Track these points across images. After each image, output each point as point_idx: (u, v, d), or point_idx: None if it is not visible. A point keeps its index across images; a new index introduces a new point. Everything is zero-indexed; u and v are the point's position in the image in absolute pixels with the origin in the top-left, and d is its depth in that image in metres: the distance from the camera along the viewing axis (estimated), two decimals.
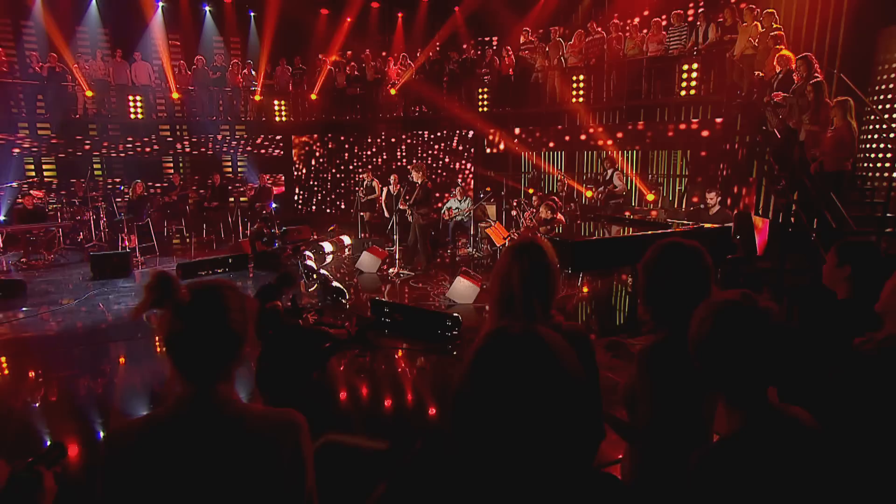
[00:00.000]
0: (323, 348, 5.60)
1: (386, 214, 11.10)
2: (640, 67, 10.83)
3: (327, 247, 10.84)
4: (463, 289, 7.16)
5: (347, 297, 7.30)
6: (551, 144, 12.37)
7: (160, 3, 15.02)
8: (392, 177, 11.21)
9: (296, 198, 16.25)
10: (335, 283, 7.40)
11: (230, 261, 9.50)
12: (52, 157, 14.28)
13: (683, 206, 10.25)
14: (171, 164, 15.53)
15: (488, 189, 13.60)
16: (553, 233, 7.40)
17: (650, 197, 10.85)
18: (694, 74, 10.00)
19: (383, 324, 6.37)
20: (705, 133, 10.09)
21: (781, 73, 7.85)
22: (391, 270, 9.02)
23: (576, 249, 5.72)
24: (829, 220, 6.37)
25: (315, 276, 8.13)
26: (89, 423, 4.40)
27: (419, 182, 8.85)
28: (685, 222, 7.04)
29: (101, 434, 4.13)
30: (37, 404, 4.67)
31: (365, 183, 10.99)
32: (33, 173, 14.28)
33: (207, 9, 15.55)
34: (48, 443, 3.92)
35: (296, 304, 5.81)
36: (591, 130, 11.65)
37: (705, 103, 10.08)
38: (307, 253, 9.68)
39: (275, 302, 5.49)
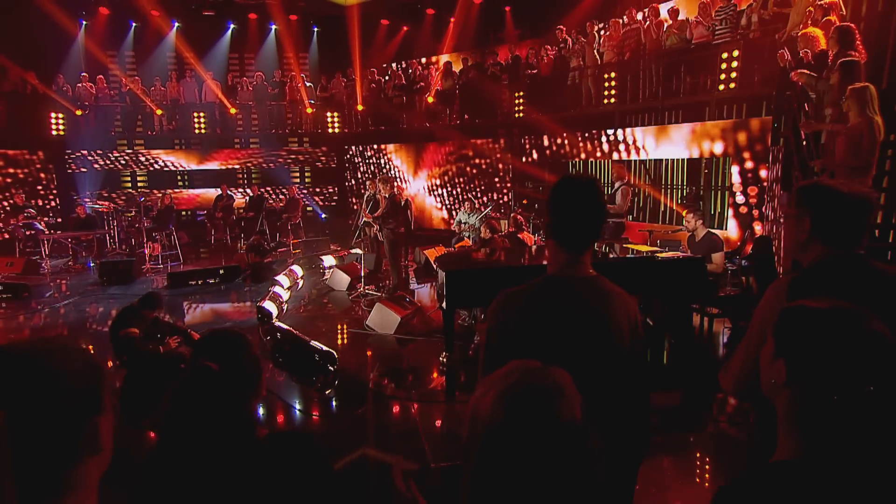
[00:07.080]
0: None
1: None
2: (677, 59, 9.11)
3: (328, 261, 10.55)
4: (381, 318, 6.37)
5: (271, 318, 6.87)
6: (583, 156, 10.93)
7: (231, 25, 16.03)
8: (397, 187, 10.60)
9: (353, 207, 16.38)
10: (264, 304, 7.02)
11: (221, 272, 9.59)
12: (144, 170, 15.84)
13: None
14: (242, 176, 16.43)
15: (524, 202, 12.45)
16: (494, 255, 6.30)
17: (684, 213, 9.04)
18: (734, 64, 8.12)
19: (275, 350, 5.87)
20: (749, 135, 8.13)
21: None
22: (360, 290, 8.46)
23: (448, 280, 4.69)
24: None
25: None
26: None
27: (387, 195, 8.20)
28: (641, 249, 5.60)
29: None
30: None
31: (367, 195, 10.21)
32: (129, 185, 15.93)
33: (274, 27, 16.26)
34: None
35: (159, 326, 5.50)
36: (624, 135, 10.06)
37: (749, 100, 8.13)
38: (293, 268, 9.47)
39: (129, 329, 5.25)
